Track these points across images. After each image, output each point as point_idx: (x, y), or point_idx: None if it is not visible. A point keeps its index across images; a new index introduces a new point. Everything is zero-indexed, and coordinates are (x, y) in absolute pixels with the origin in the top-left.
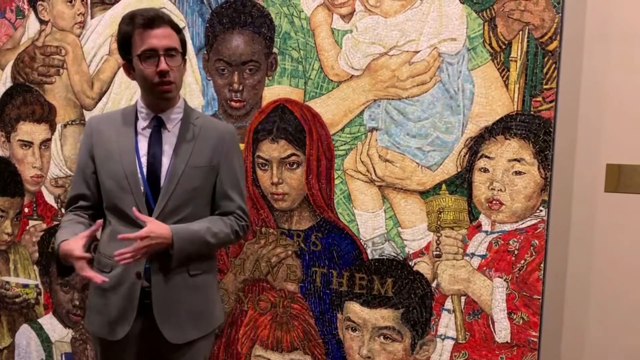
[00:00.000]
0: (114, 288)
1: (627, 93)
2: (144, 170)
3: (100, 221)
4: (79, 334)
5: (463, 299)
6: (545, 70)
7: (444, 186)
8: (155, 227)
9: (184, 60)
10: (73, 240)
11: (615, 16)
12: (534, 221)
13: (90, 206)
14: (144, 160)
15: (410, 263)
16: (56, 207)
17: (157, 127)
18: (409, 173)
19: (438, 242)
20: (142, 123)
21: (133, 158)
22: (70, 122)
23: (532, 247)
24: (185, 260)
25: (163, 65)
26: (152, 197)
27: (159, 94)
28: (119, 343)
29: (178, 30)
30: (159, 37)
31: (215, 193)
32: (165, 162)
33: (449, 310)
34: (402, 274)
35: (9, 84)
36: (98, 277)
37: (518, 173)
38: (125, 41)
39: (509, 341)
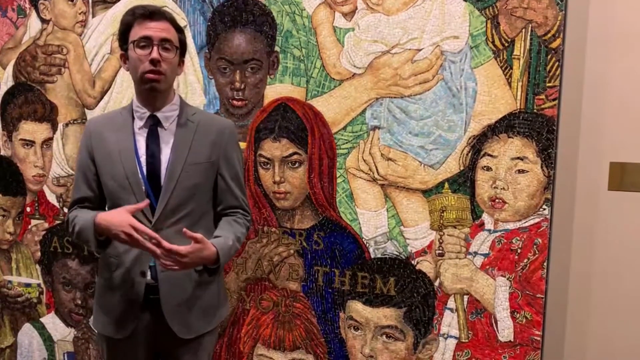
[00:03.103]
0: (118, 286)
1: (630, 91)
2: (144, 169)
3: (147, 200)
4: (81, 333)
5: (466, 297)
6: (548, 68)
7: (446, 185)
8: (198, 250)
9: (182, 61)
10: (115, 212)
11: (619, 14)
12: (537, 220)
13: (94, 207)
14: (143, 159)
15: (412, 262)
16: (58, 207)
17: (154, 125)
18: (412, 172)
19: (440, 241)
20: (138, 123)
21: (133, 158)
22: (72, 122)
23: (535, 246)
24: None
25: (155, 54)
26: (154, 196)
27: (147, 82)
28: (125, 340)
29: (178, 30)
30: (156, 29)
31: (217, 188)
32: (164, 160)
33: (451, 309)
34: (405, 273)
35: (10, 83)
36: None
37: (521, 171)
38: (125, 31)
39: (512, 340)
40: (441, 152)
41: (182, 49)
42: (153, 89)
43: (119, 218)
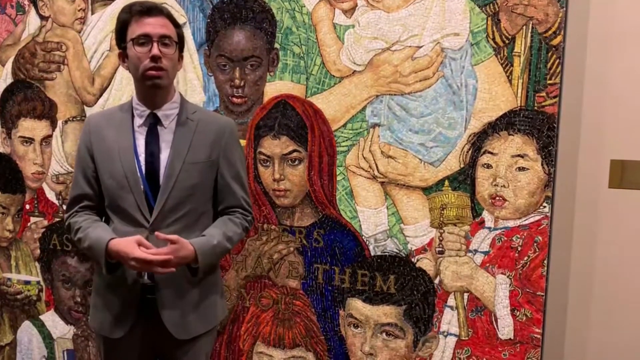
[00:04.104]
0: (115, 286)
1: (631, 88)
2: (143, 169)
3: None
4: (80, 330)
5: (466, 295)
6: (549, 65)
7: (446, 182)
8: (175, 251)
9: (181, 57)
10: (126, 241)
11: (620, 11)
12: (537, 217)
13: (94, 205)
14: (142, 158)
15: (412, 260)
16: (57, 204)
17: (153, 124)
18: (412, 169)
19: (441, 238)
20: (138, 120)
21: (132, 157)
22: (71, 119)
23: (535, 244)
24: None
25: (155, 50)
26: (152, 195)
27: (149, 79)
28: (122, 340)
29: (176, 25)
30: (154, 25)
31: (218, 187)
32: (164, 159)
33: (451, 307)
34: (405, 271)
35: (9, 80)
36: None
37: (521, 169)
38: (122, 28)
39: (512, 338)
40: (441, 149)
41: (181, 43)
42: (155, 86)
43: (125, 250)
